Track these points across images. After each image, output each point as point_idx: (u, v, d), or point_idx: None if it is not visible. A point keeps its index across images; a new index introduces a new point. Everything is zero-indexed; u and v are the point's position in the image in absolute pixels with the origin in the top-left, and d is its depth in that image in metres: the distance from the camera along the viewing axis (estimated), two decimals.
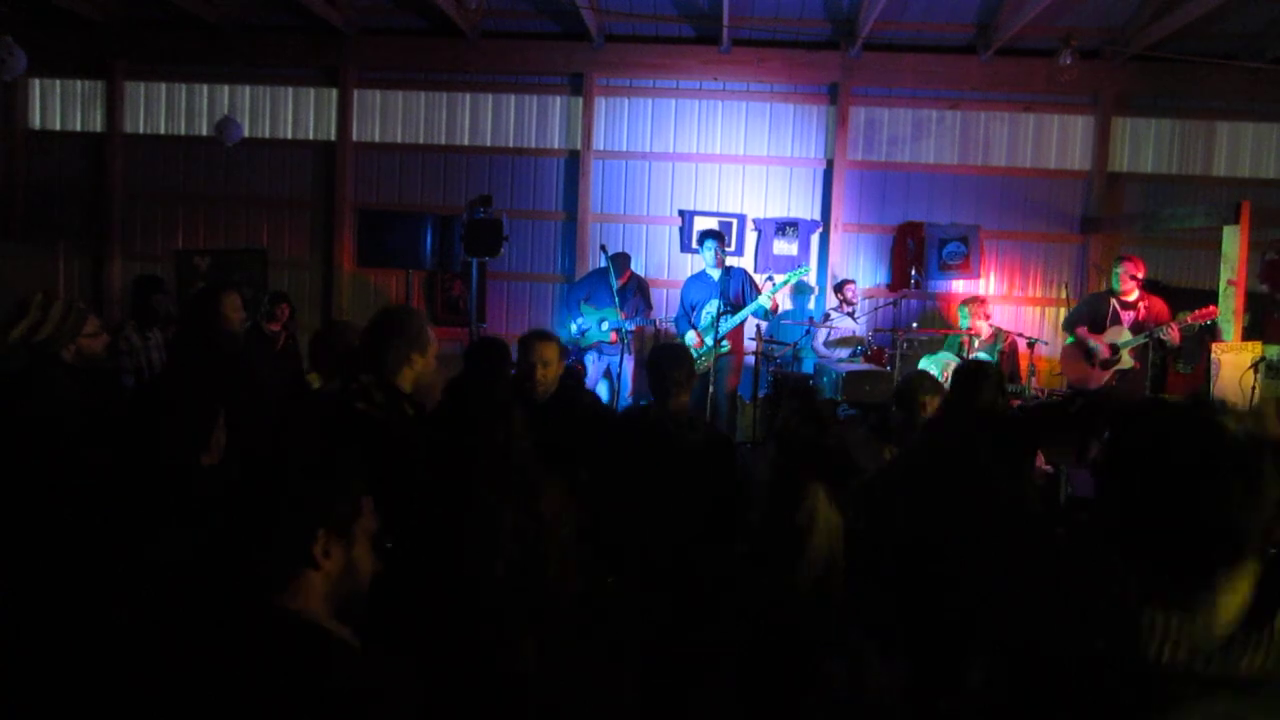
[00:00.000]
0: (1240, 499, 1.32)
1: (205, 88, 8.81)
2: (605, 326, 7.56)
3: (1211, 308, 6.42)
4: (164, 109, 8.86)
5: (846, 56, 8.20)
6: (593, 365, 7.72)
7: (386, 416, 2.99)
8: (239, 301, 4.93)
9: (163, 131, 8.86)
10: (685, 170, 8.60)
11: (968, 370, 3.81)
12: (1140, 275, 6.76)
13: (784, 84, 8.45)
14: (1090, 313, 6.93)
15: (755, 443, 7.16)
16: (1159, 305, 6.76)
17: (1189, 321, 6.45)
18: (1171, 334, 6.45)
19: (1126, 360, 6.71)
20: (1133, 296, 6.73)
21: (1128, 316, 6.75)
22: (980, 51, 8.08)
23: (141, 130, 8.86)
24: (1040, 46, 7.84)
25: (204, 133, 8.69)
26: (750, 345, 7.47)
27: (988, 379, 3.68)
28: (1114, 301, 6.79)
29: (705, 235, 7.21)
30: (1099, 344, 6.76)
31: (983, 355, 7.41)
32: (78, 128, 8.90)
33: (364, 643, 1.62)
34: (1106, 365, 6.75)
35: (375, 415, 2.96)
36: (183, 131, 8.84)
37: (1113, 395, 6.74)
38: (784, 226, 8.52)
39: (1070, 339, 7.01)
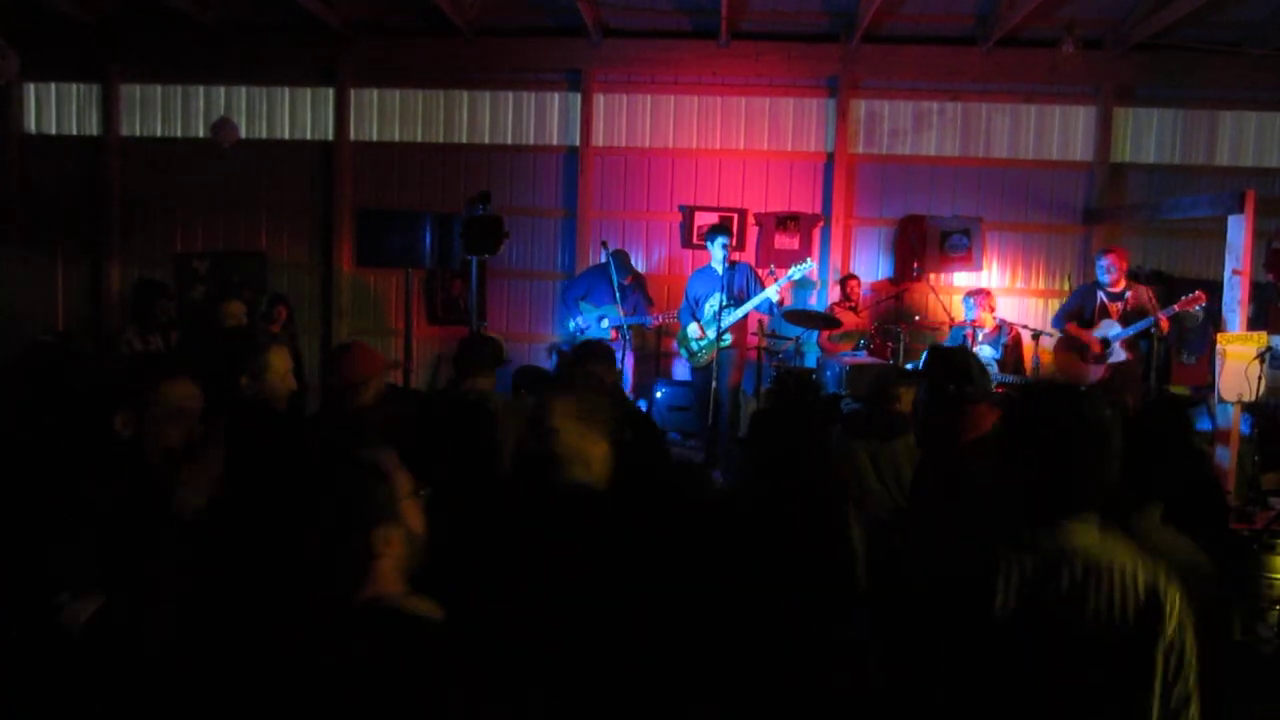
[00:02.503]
0: (1089, 460, 1.73)
1: (201, 89, 8.76)
2: (605, 324, 7.52)
3: (1199, 294, 6.42)
4: (160, 111, 8.82)
5: (846, 49, 8.15)
6: None
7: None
8: (240, 309, 4.94)
9: (159, 134, 8.81)
10: (685, 165, 8.56)
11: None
12: (1124, 266, 6.78)
13: (783, 77, 8.40)
14: (1079, 307, 6.95)
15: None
16: (1145, 294, 6.77)
17: (1176, 310, 6.45)
18: (1160, 324, 6.46)
19: (1119, 353, 6.71)
20: (1119, 288, 6.75)
21: (1116, 308, 6.75)
22: (981, 43, 8.03)
23: (138, 133, 8.81)
24: (1041, 37, 7.79)
25: (201, 135, 8.64)
26: (752, 339, 7.44)
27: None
28: (1101, 294, 6.80)
29: (715, 231, 7.16)
30: (1088, 340, 6.76)
31: (987, 348, 7.38)
32: (74, 131, 8.85)
33: (447, 606, 1.71)
34: (1099, 360, 6.75)
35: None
36: (179, 134, 8.79)
37: (1110, 386, 6.75)
38: (785, 220, 8.48)
39: (1059, 335, 6.99)
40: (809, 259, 7.41)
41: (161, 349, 6.25)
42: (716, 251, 7.02)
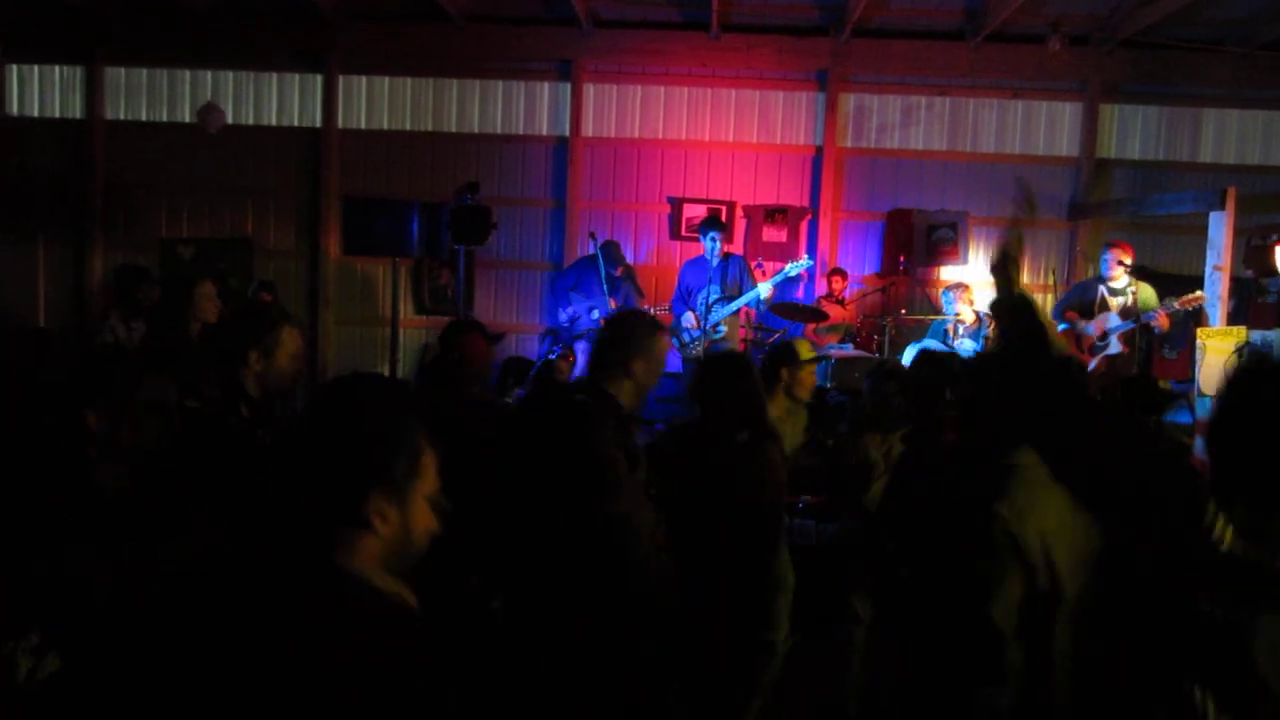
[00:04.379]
0: None
1: (188, 73, 8.68)
2: (595, 315, 7.53)
3: (1199, 293, 6.48)
4: (145, 95, 8.73)
5: (836, 43, 8.17)
6: (582, 354, 7.69)
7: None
8: (212, 290, 4.89)
9: (144, 118, 8.72)
10: (675, 157, 8.57)
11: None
12: (1128, 261, 6.80)
13: (773, 70, 8.42)
14: (1080, 299, 6.99)
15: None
16: (1147, 291, 6.81)
17: (1176, 307, 6.51)
18: (1160, 320, 6.50)
19: (1115, 345, 6.76)
20: (1121, 283, 6.77)
21: (1116, 302, 6.79)
22: (969, 38, 8.08)
23: (123, 117, 8.72)
24: (1029, 33, 7.84)
25: (187, 119, 8.56)
26: (742, 332, 7.47)
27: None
28: (1102, 288, 6.83)
29: (708, 225, 7.17)
30: (1091, 326, 6.79)
31: (968, 341, 7.44)
32: (57, 114, 8.74)
33: (426, 605, 1.57)
34: (1095, 351, 6.80)
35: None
36: (165, 118, 8.71)
37: (1106, 379, 6.81)
38: (773, 213, 8.51)
39: (1061, 325, 7.04)
40: (807, 257, 7.45)
41: (145, 335, 6.20)
42: (709, 245, 7.03)
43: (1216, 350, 6.58)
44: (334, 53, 8.47)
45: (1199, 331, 6.71)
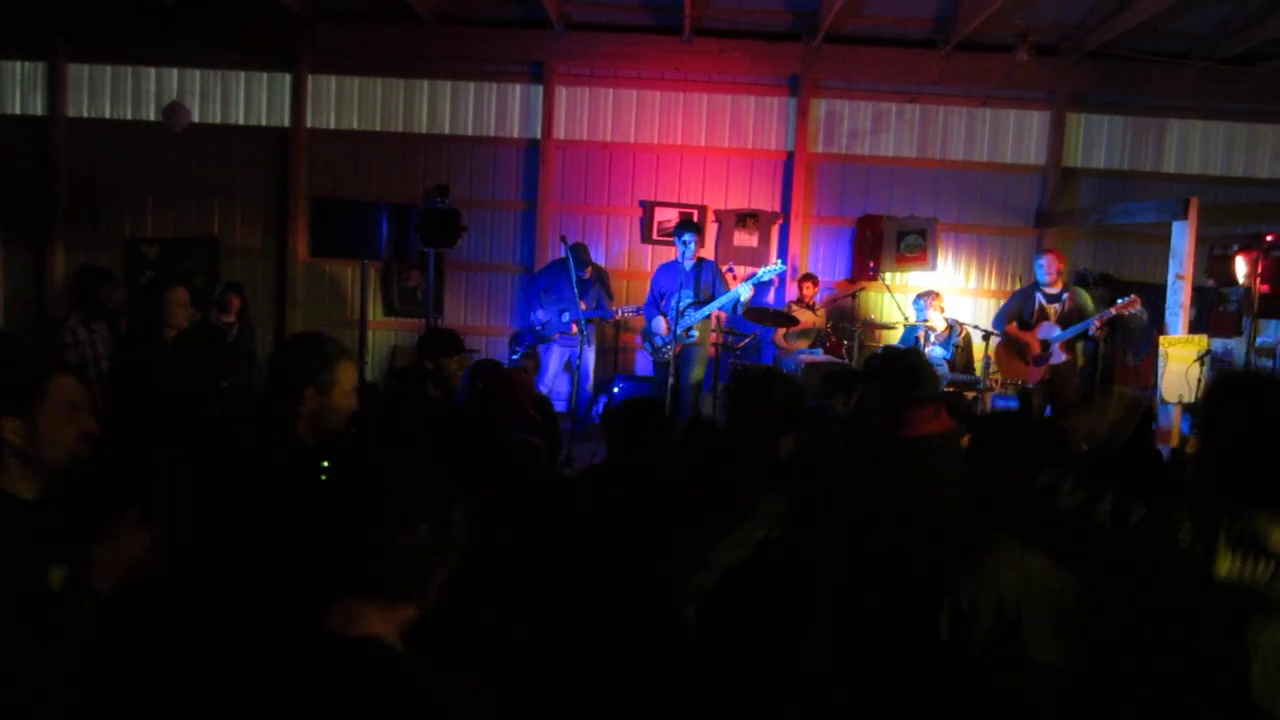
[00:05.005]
0: None
1: (153, 70, 8.54)
2: (566, 318, 7.51)
3: (1133, 298, 6.60)
4: (109, 92, 8.58)
5: (808, 49, 8.21)
6: (554, 358, 7.67)
7: None
8: (185, 296, 4.81)
9: (108, 116, 8.58)
10: (647, 160, 8.56)
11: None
12: (1061, 267, 6.97)
13: (745, 75, 8.44)
14: (1019, 308, 7.13)
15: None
16: (1083, 296, 6.97)
17: (1113, 313, 6.63)
18: (1095, 327, 6.67)
19: (1058, 354, 6.90)
20: (1057, 289, 6.93)
21: (1054, 310, 6.93)
22: (939, 46, 8.14)
23: (85, 114, 8.57)
24: (998, 42, 7.92)
25: (152, 118, 8.43)
26: (714, 336, 7.48)
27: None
28: (1039, 295, 6.98)
29: (683, 229, 7.15)
30: (1028, 341, 6.94)
31: (938, 349, 7.51)
32: (17, 111, 8.57)
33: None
34: (1039, 361, 6.92)
35: None
36: (129, 116, 8.57)
37: (1050, 387, 6.95)
38: (745, 218, 8.53)
39: (1000, 337, 7.14)
40: (780, 261, 7.47)
41: (107, 338, 6.09)
42: (683, 249, 7.02)
43: (1179, 358, 6.70)
44: (303, 52, 8.38)
45: (1161, 340, 6.83)
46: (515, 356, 7.70)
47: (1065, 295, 6.98)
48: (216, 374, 6.83)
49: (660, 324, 7.11)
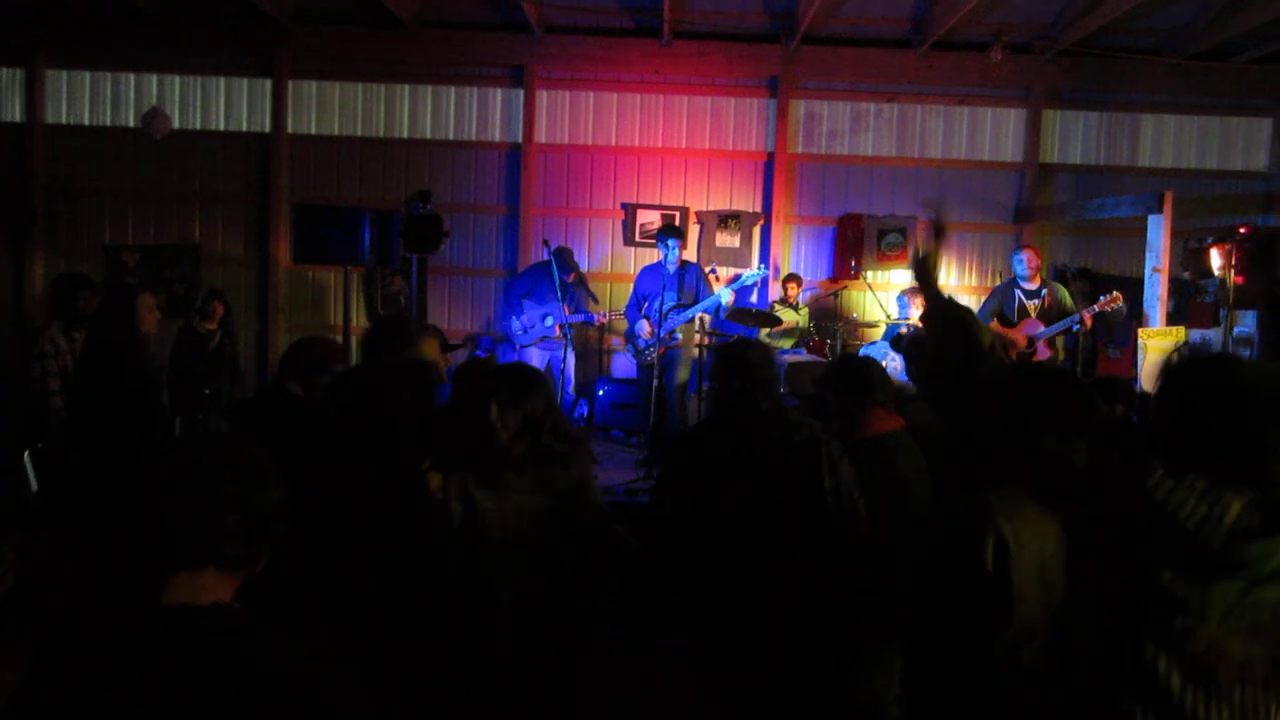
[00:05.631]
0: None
1: (132, 77, 8.51)
2: (549, 321, 7.53)
3: (1116, 295, 6.67)
4: (88, 98, 8.55)
5: (786, 50, 8.27)
6: (534, 362, 7.68)
7: None
8: (153, 302, 4.77)
9: (87, 122, 8.54)
10: (628, 163, 8.59)
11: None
12: (1039, 263, 7.04)
13: (725, 77, 8.49)
14: (999, 305, 7.18)
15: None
16: (1062, 292, 7.04)
17: (1097, 309, 6.70)
18: (1083, 321, 6.72)
19: (1042, 351, 6.96)
20: (1035, 285, 6.98)
21: (1033, 306, 6.99)
22: (916, 46, 8.22)
23: (65, 120, 8.53)
24: (973, 41, 8.00)
25: (132, 124, 8.40)
26: (697, 338, 7.50)
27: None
28: (1018, 292, 7.03)
29: (667, 233, 7.18)
30: (1014, 338, 6.99)
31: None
32: None
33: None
34: (1023, 358, 6.97)
35: None
36: (108, 122, 8.53)
37: None
38: (726, 219, 8.58)
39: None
40: (761, 266, 7.50)
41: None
42: (666, 253, 7.05)
43: (1157, 349, 6.78)
44: (284, 57, 8.37)
45: (1140, 332, 6.91)
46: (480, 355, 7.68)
47: (1044, 291, 7.04)
48: (201, 381, 6.85)
49: (643, 327, 7.14)
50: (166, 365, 6.94)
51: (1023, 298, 7.00)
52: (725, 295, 6.90)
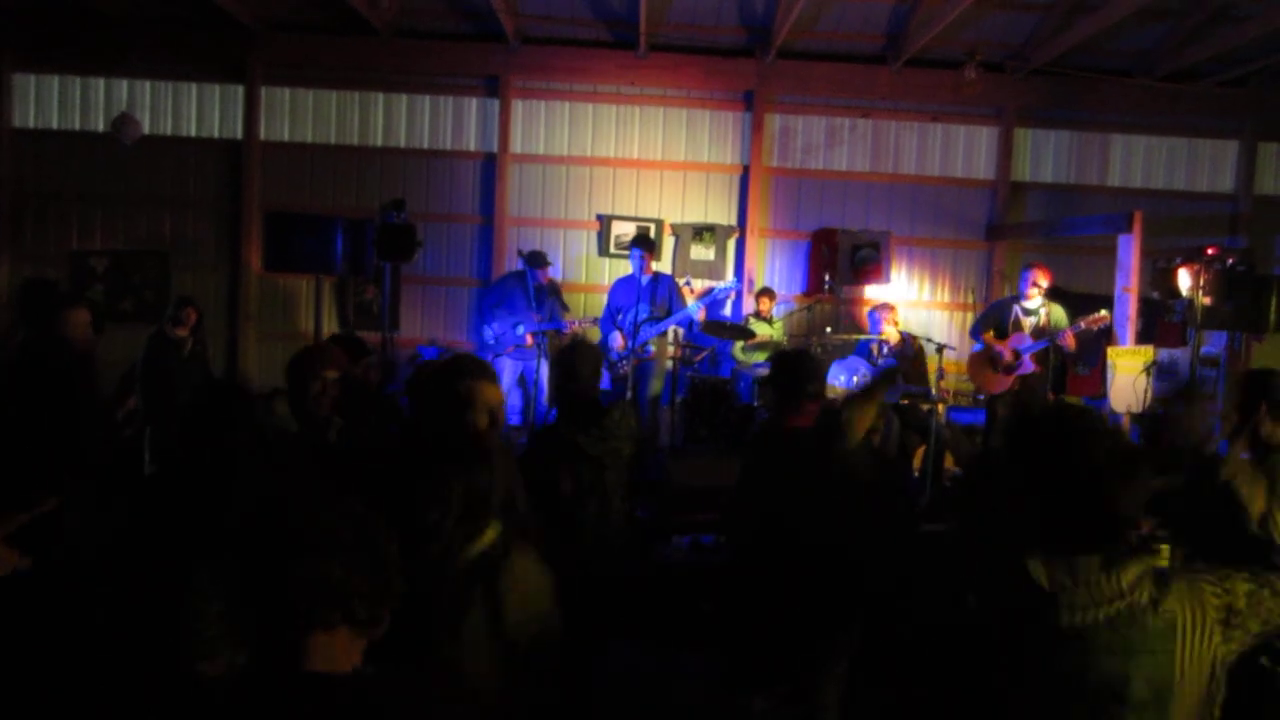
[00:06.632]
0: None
1: (102, 81, 8.41)
2: (520, 330, 7.50)
3: (1104, 313, 6.72)
4: (56, 103, 8.43)
5: (761, 64, 8.30)
6: (506, 372, 7.64)
7: None
8: (87, 317, 4.69)
9: (55, 126, 8.43)
10: (603, 175, 8.59)
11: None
12: (1045, 283, 7.05)
13: (700, 90, 8.51)
14: (996, 318, 7.21)
15: (675, 447, 7.20)
16: (1058, 311, 7.06)
17: (1083, 327, 6.74)
18: (1068, 340, 6.74)
19: (1028, 365, 6.99)
20: (1035, 303, 7.01)
21: (1029, 322, 7.02)
22: (890, 62, 8.27)
23: (32, 125, 8.41)
24: (947, 58, 8.07)
25: (101, 129, 8.30)
26: (670, 350, 7.49)
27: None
28: (1017, 308, 7.06)
29: (636, 243, 7.17)
30: (1003, 349, 7.01)
31: (893, 361, 7.59)
32: None
33: None
34: (1009, 370, 7.01)
35: None
36: (77, 127, 8.42)
37: (1020, 397, 7.03)
38: (701, 231, 8.58)
39: (977, 346, 7.23)
40: (734, 279, 7.50)
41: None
42: (636, 263, 7.06)
43: (1126, 369, 6.83)
44: (256, 63, 8.30)
45: (1109, 351, 6.96)
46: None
47: (1044, 310, 7.05)
48: (172, 389, 6.76)
49: (616, 339, 7.13)
50: (139, 373, 6.86)
51: (1020, 314, 7.02)
52: (695, 309, 6.91)
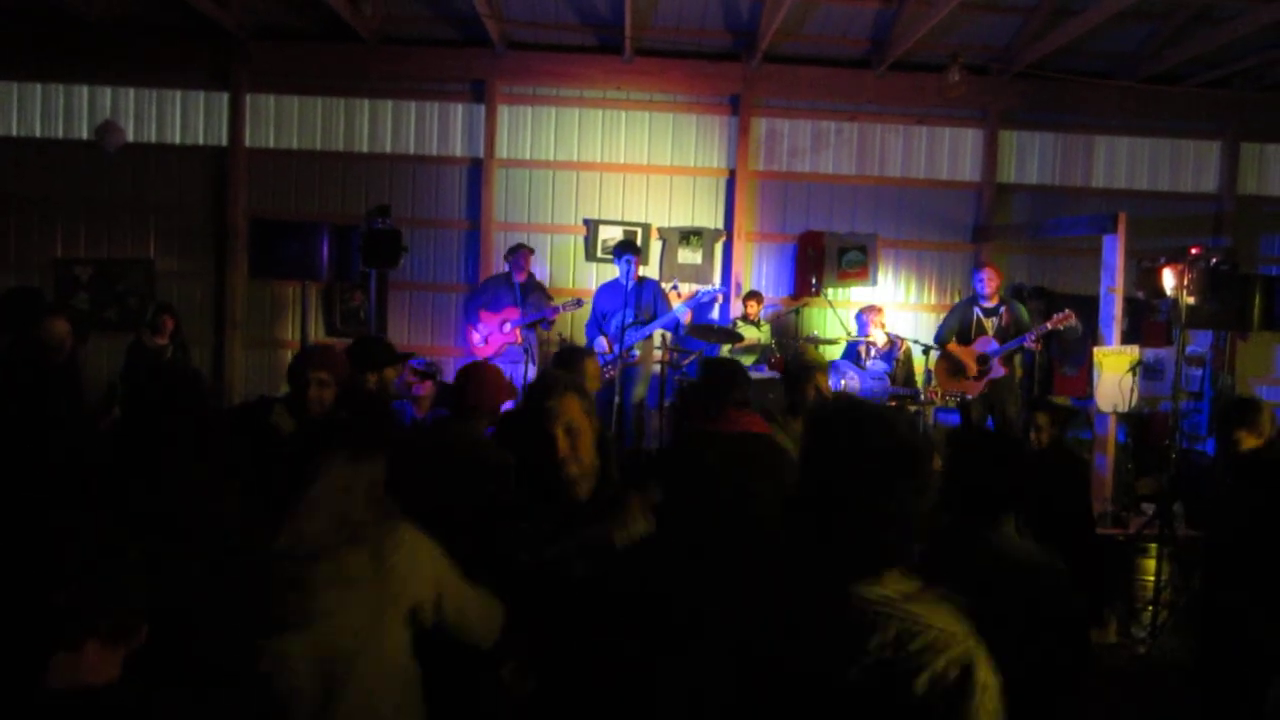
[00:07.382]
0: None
1: (85, 89, 8.37)
2: (507, 327, 7.49)
3: (1067, 313, 6.78)
4: (39, 110, 8.39)
5: (747, 68, 8.32)
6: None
7: None
8: (66, 327, 4.70)
9: (38, 134, 8.38)
10: (590, 179, 8.59)
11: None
12: (998, 282, 7.14)
13: (686, 94, 8.52)
14: (958, 323, 7.27)
15: (661, 450, 7.20)
16: (1020, 310, 7.15)
17: (1049, 328, 6.80)
18: (1032, 342, 6.83)
19: (996, 369, 7.06)
20: (993, 303, 7.09)
21: (991, 324, 7.08)
22: (875, 66, 8.30)
23: (14, 133, 8.36)
24: (932, 62, 8.10)
25: (84, 137, 8.26)
26: (656, 354, 7.50)
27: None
28: (976, 309, 7.14)
29: (622, 248, 7.19)
30: (966, 361, 7.09)
31: (879, 363, 7.62)
32: None
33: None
34: (979, 376, 7.07)
35: None
36: (60, 135, 8.38)
37: (989, 400, 7.11)
38: (688, 235, 8.59)
39: (939, 354, 7.29)
40: (717, 285, 7.51)
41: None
42: (623, 268, 7.06)
43: (1112, 369, 6.86)
44: (241, 70, 8.28)
45: (1095, 351, 6.99)
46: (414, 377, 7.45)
47: (1002, 309, 7.14)
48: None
49: (602, 343, 7.14)
50: (119, 381, 6.84)
51: (981, 315, 7.11)
52: (682, 313, 6.93)
